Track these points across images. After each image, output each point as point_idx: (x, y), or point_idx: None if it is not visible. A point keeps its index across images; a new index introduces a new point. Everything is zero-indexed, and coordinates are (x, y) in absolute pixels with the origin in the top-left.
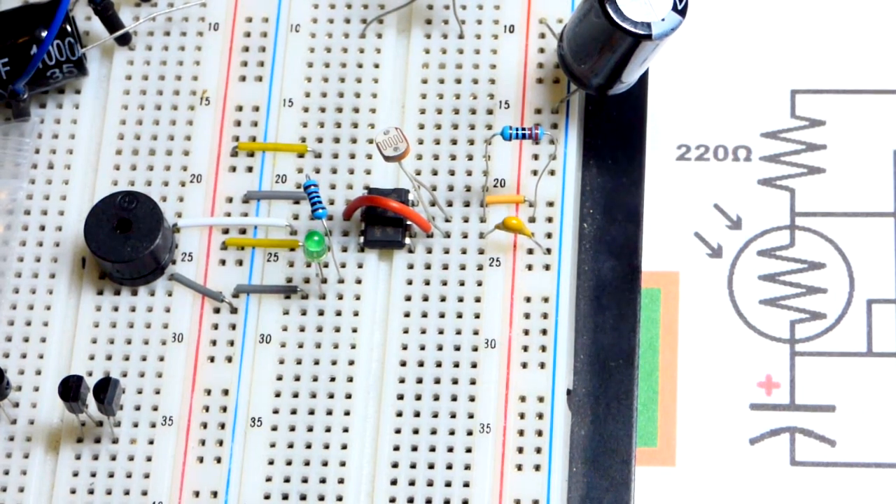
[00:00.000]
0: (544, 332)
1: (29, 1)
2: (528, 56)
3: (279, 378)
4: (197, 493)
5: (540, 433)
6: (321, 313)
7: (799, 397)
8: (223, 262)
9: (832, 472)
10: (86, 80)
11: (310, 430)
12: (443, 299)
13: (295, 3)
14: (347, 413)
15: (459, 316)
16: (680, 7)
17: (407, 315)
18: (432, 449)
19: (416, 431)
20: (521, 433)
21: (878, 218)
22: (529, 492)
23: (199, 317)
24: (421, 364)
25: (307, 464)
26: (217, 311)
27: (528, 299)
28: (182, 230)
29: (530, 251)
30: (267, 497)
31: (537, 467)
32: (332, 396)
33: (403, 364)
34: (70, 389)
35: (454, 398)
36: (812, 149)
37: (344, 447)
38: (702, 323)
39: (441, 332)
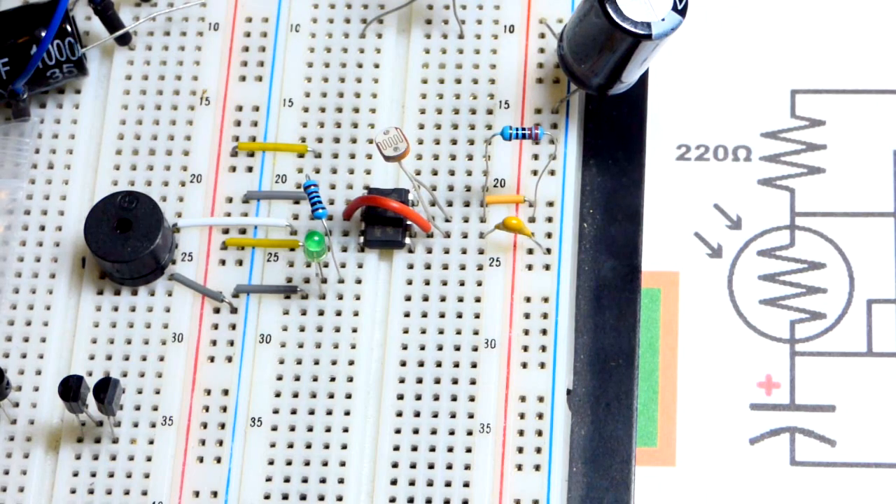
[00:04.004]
0: (544, 332)
1: (29, 1)
2: (528, 56)
3: (279, 378)
4: (197, 493)
5: (540, 433)
6: (321, 313)
7: (799, 397)
8: (223, 262)
9: (832, 472)
10: (86, 80)
11: (310, 430)
12: (443, 299)
13: (295, 3)
14: (347, 413)
15: (459, 316)
16: (680, 7)
17: (407, 315)
18: (432, 449)
19: (416, 431)
20: (521, 433)
21: (878, 218)
22: (529, 492)
23: (199, 317)
24: (421, 364)
25: (307, 464)
26: (217, 311)
27: (528, 299)
28: (182, 230)
29: (530, 251)
30: (267, 497)
31: (537, 467)
32: (332, 396)
33: (403, 364)
34: (70, 389)
35: (454, 398)
36: (812, 149)
37: (344, 447)
38: (702, 323)
39: (441, 332)
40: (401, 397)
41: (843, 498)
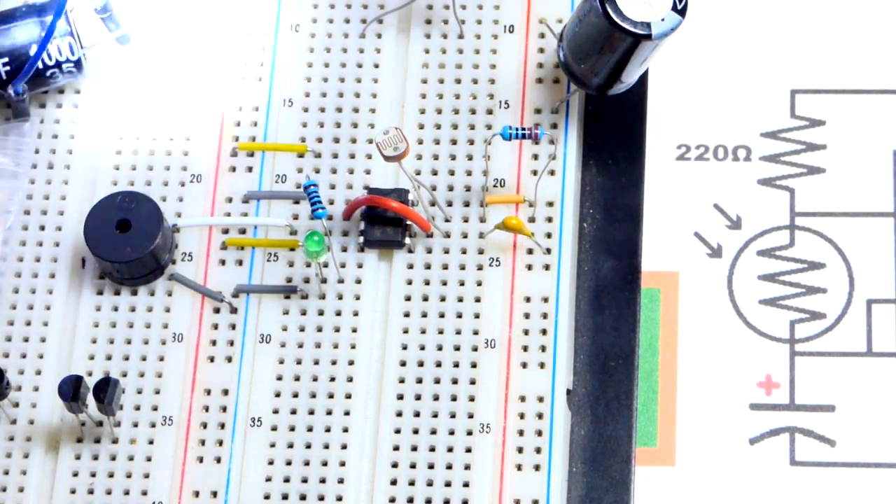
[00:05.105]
0: (544, 332)
1: (29, 1)
2: (528, 56)
3: (279, 378)
4: (197, 493)
5: (540, 433)
6: (321, 313)
7: (799, 397)
8: (223, 262)
9: (832, 472)
10: (86, 80)
11: (310, 430)
12: (443, 299)
13: (295, 3)
14: (347, 413)
15: (459, 316)
16: (679, 7)
17: (407, 315)
18: (432, 449)
19: (415, 431)
20: (520, 433)
21: (878, 218)
22: (529, 492)
23: (199, 317)
24: (421, 364)
25: (307, 464)
26: (217, 311)
27: (528, 299)
28: (182, 230)
29: (530, 251)
30: (267, 497)
31: (537, 467)
32: (331, 396)
33: (403, 364)
34: (70, 389)
35: (454, 398)
36: (812, 149)
37: (344, 447)
38: (702, 323)
39: (441, 332)
40: (400, 397)
41: (842, 498)
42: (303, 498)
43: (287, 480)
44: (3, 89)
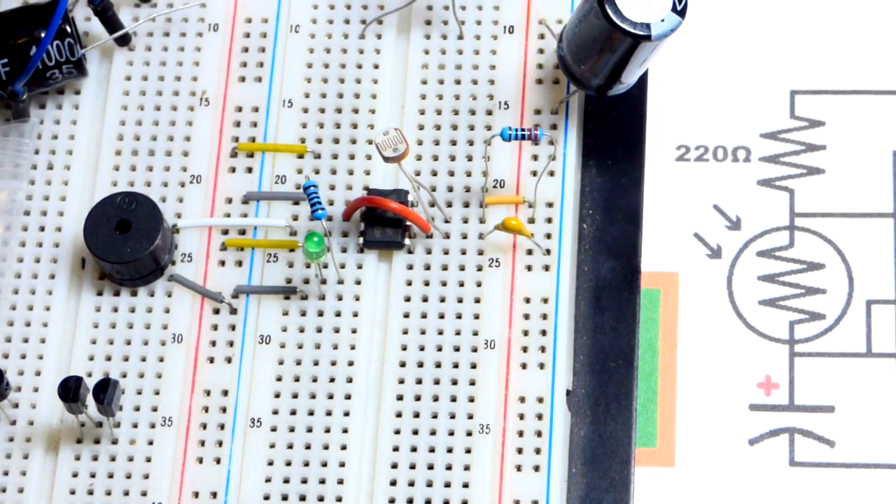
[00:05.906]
0: (544, 332)
1: (29, 1)
2: (528, 56)
3: (279, 378)
4: (196, 494)
5: (539, 434)
6: (321, 314)
7: (798, 398)
8: (223, 263)
9: (831, 472)
10: (85, 80)
11: (309, 430)
12: (442, 300)
13: (295, 4)
14: (347, 413)
15: (459, 316)
16: (679, 8)
17: (406, 315)
18: (432, 449)
19: (415, 432)
20: (520, 434)
21: (878, 218)
22: (529, 492)
23: (199, 317)
24: (420, 364)
25: (306, 464)
26: (217, 311)
27: (528, 300)
28: (182, 231)
29: (530, 252)
30: (266, 498)
31: (537, 468)
32: (331, 397)
33: (403, 365)
34: (70, 390)
35: (454, 399)
36: (811, 149)
37: (343, 448)
38: (701, 323)
39: (440, 333)
40: (400, 398)
41: (842, 498)
42: (302, 499)
43: (287, 481)
44: (3, 89)
